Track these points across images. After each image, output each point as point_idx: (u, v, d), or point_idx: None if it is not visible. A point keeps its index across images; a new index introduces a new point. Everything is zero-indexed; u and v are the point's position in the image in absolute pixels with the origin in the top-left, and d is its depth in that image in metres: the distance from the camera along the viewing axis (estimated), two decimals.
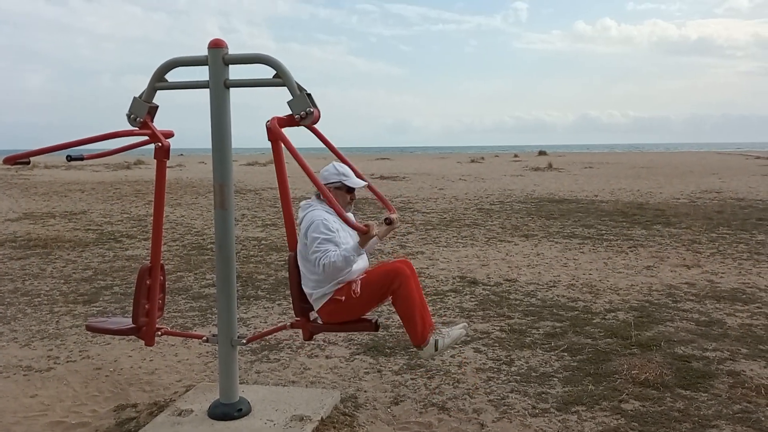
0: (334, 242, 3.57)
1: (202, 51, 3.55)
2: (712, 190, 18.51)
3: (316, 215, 3.64)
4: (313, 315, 3.83)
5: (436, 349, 3.67)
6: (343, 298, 3.62)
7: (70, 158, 3.64)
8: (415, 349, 3.77)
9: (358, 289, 3.61)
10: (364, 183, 3.86)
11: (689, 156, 49.83)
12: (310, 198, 3.85)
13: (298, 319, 3.77)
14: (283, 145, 3.50)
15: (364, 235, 3.47)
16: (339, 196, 3.77)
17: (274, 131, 3.45)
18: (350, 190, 3.83)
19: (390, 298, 3.69)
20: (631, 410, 4.01)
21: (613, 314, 6.10)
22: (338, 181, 3.78)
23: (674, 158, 44.60)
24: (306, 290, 3.71)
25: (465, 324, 3.95)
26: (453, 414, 3.99)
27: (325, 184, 3.75)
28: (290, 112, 3.50)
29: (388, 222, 3.68)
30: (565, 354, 5.04)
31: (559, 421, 3.90)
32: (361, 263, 3.78)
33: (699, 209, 13.97)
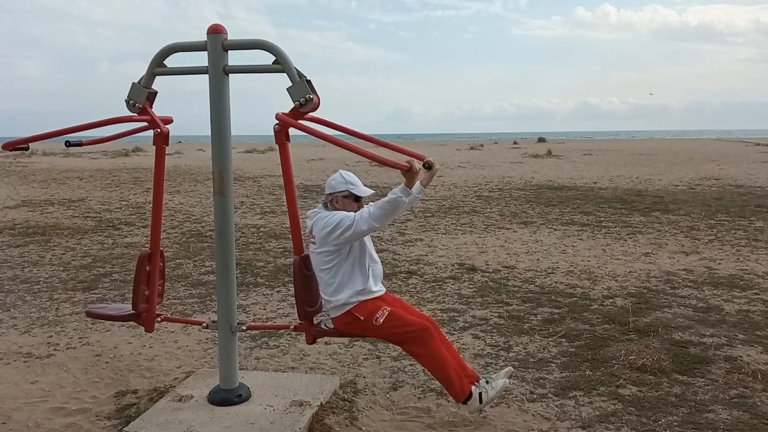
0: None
1: (200, 37, 3.53)
2: (711, 177, 18.51)
3: (334, 213, 3.57)
4: (317, 318, 3.82)
5: (481, 402, 3.59)
6: (363, 318, 3.56)
7: (68, 143, 3.63)
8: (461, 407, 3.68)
9: (381, 321, 3.55)
10: (371, 192, 3.78)
11: (689, 143, 49.77)
12: (317, 207, 3.79)
13: (302, 322, 3.76)
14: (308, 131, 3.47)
15: (408, 172, 3.32)
16: (347, 205, 3.68)
17: (284, 127, 3.42)
18: (358, 199, 3.73)
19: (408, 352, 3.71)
20: (629, 395, 4.04)
21: (611, 300, 6.13)
22: (346, 190, 3.69)
23: (674, 145, 44.54)
24: (324, 296, 3.67)
25: (509, 370, 3.85)
26: (451, 399, 4.01)
27: (332, 194, 3.69)
28: (292, 107, 3.47)
29: (428, 166, 3.52)
30: (563, 340, 5.06)
31: (556, 406, 3.93)
32: (378, 270, 3.72)
33: (698, 196, 13.98)
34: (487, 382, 3.64)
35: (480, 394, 3.58)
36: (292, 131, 3.54)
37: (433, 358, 3.56)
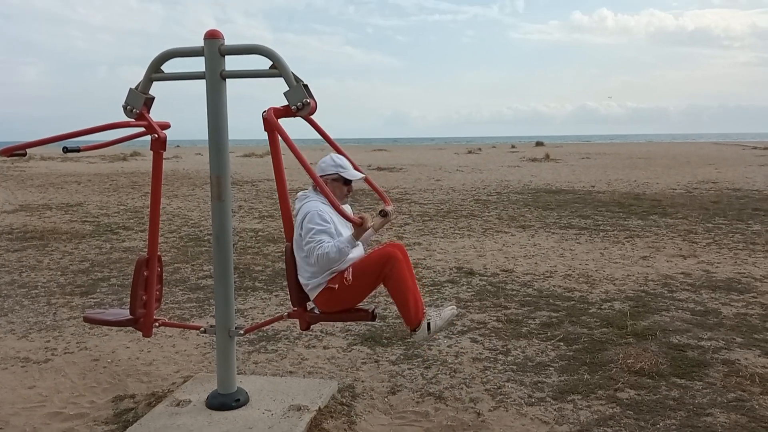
0: (328, 233, 3.56)
1: (198, 42, 3.54)
2: (709, 180, 18.54)
3: (312, 206, 3.64)
4: (311, 305, 3.84)
5: (429, 331, 3.66)
6: (336, 286, 3.61)
7: (66, 150, 3.63)
8: (410, 335, 3.76)
9: (350, 277, 3.61)
10: (361, 175, 3.84)
11: (686, 146, 49.84)
12: (306, 189, 3.85)
13: (295, 309, 3.78)
14: (279, 137, 3.50)
15: (359, 227, 3.47)
16: (336, 188, 3.76)
17: (270, 122, 3.44)
18: (347, 182, 3.80)
19: (383, 283, 3.69)
20: (627, 399, 4.04)
21: (609, 304, 6.13)
22: (335, 173, 3.76)
23: (671, 149, 44.61)
24: (302, 280, 3.71)
25: (454, 305, 3.95)
26: (450, 403, 4.01)
27: (322, 176, 3.74)
28: (287, 103, 3.49)
29: (383, 214, 3.68)
30: (561, 343, 5.07)
31: (555, 409, 3.93)
32: (356, 252, 3.78)
33: (695, 199, 14.00)
34: (435, 312, 3.70)
35: (428, 323, 3.65)
36: (291, 134, 3.53)
37: (397, 282, 3.61)
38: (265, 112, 3.47)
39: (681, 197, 14.49)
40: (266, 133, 3.52)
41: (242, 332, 3.83)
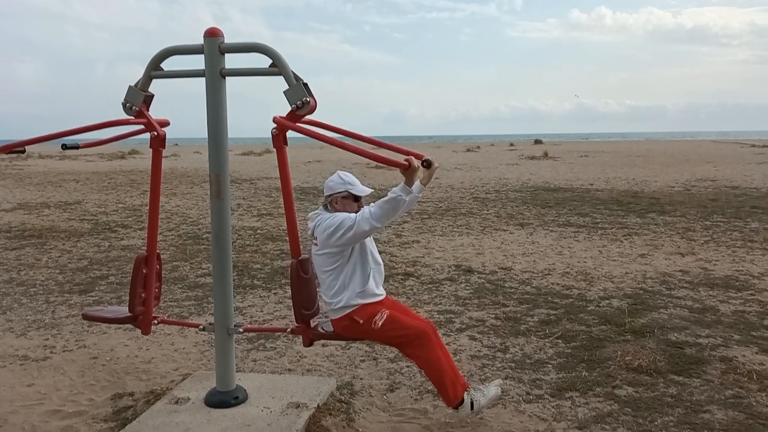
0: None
1: (195, 39, 3.54)
2: (707, 178, 18.57)
3: (335, 215, 3.57)
4: (315, 322, 3.82)
5: (472, 409, 3.59)
6: (362, 322, 3.56)
7: (65, 147, 3.64)
8: (453, 412, 3.67)
9: (380, 324, 3.55)
10: (370, 191, 3.76)
11: (685, 144, 49.90)
12: (317, 209, 3.78)
13: (299, 325, 3.77)
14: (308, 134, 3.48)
15: (407, 169, 3.32)
16: (347, 205, 3.67)
17: (281, 131, 3.43)
18: (357, 199, 3.71)
19: (402, 352, 3.72)
20: (625, 396, 4.05)
21: (608, 301, 6.15)
22: (345, 191, 3.67)
23: (670, 147, 44.64)
24: (325, 298, 3.66)
25: (500, 381, 3.91)
26: None
27: (331, 195, 3.67)
28: (289, 111, 3.47)
29: (427, 165, 3.49)
30: (560, 341, 5.08)
31: (553, 407, 3.94)
32: (379, 273, 3.72)
33: (694, 197, 14.02)
34: (477, 391, 3.64)
35: (472, 401, 3.59)
36: (289, 133, 3.54)
37: (429, 362, 3.57)
38: (274, 129, 3.45)
39: (679, 195, 14.51)
40: (275, 149, 3.52)
41: (241, 330, 3.83)
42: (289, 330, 3.83)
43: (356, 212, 3.60)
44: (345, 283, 3.57)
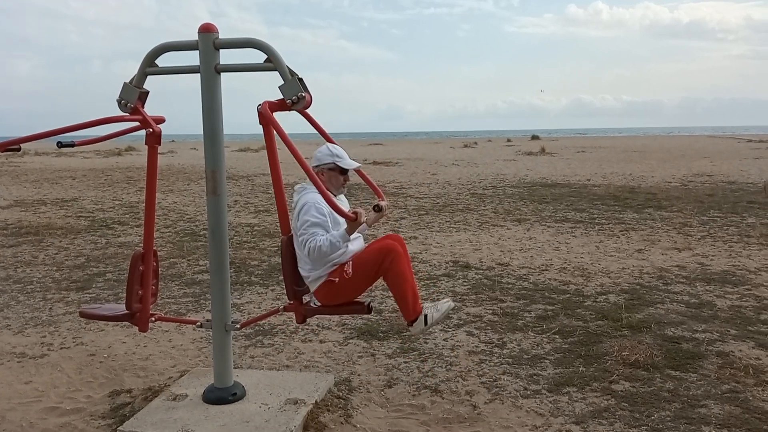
0: (323, 226, 3.56)
1: (192, 36, 3.53)
2: (704, 173, 18.60)
3: (309, 198, 3.63)
4: (306, 298, 3.84)
5: (426, 324, 3.67)
6: (337, 279, 3.61)
7: (60, 144, 3.63)
8: (407, 328, 3.77)
9: (350, 270, 3.61)
10: (357, 164, 3.83)
11: (681, 140, 49.96)
12: (304, 181, 3.83)
13: (291, 302, 3.78)
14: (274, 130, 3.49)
15: (353, 222, 3.45)
16: (332, 177, 3.74)
17: (265, 116, 3.43)
18: (344, 172, 3.77)
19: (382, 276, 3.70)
20: (622, 391, 4.06)
21: (604, 297, 6.16)
22: (332, 162, 3.73)
23: (666, 142, 44.71)
24: (302, 273, 3.71)
25: (450, 298, 3.96)
26: (446, 396, 4.03)
27: (318, 165, 3.73)
28: (281, 97, 3.48)
29: (378, 209, 3.66)
30: (557, 336, 5.09)
31: (550, 402, 3.95)
32: (357, 245, 3.77)
33: (690, 193, 14.04)
34: (431, 306, 3.71)
35: (425, 315, 3.66)
36: (287, 128, 3.53)
37: (396, 275, 3.62)
38: (260, 105, 3.45)
39: (676, 190, 14.54)
40: (261, 126, 3.51)
41: (238, 326, 3.82)
42: (282, 308, 3.84)
43: (343, 185, 3.79)
44: (313, 258, 3.62)
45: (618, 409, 3.82)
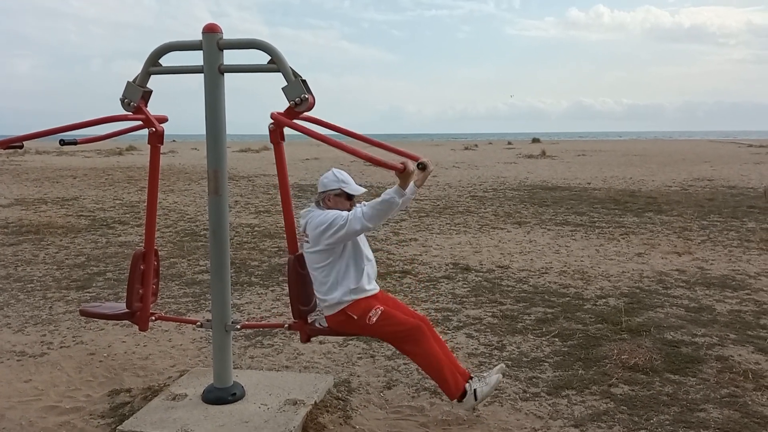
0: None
1: (192, 36, 3.54)
2: (704, 177, 18.61)
3: (327, 212, 3.57)
4: (312, 317, 3.83)
5: (476, 399, 3.61)
6: (356, 317, 3.57)
7: (63, 142, 3.64)
8: (456, 404, 3.71)
9: (374, 320, 3.56)
10: (363, 190, 3.78)
11: (682, 144, 49.96)
12: (310, 206, 3.78)
13: (296, 321, 3.77)
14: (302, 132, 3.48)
15: (402, 172, 3.30)
16: (339, 203, 3.67)
17: (278, 127, 3.44)
18: (350, 198, 3.72)
19: (398, 348, 3.72)
20: (621, 394, 4.06)
21: (604, 300, 6.16)
22: (338, 188, 3.67)
23: (667, 146, 44.72)
24: (318, 295, 3.67)
25: (502, 366, 3.89)
26: (445, 398, 4.02)
27: (324, 192, 3.68)
28: (287, 106, 3.48)
29: (422, 167, 3.52)
30: (556, 339, 5.09)
31: (549, 404, 3.95)
32: (371, 271, 3.71)
33: (691, 197, 14.05)
34: (479, 380, 3.66)
35: (475, 390, 3.61)
36: (287, 131, 3.55)
37: (426, 357, 3.58)
38: (271, 125, 3.45)
39: (676, 194, 14.54)
40: (272, 144, 3.52)
41: (239, 327, 3.83)
42: (286, 326, 3.84)
43: (349, 210, 3.63)
44: (338, 280, 3.58)
45: (617, 413, 3.82)
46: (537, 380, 4.31)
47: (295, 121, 3.52)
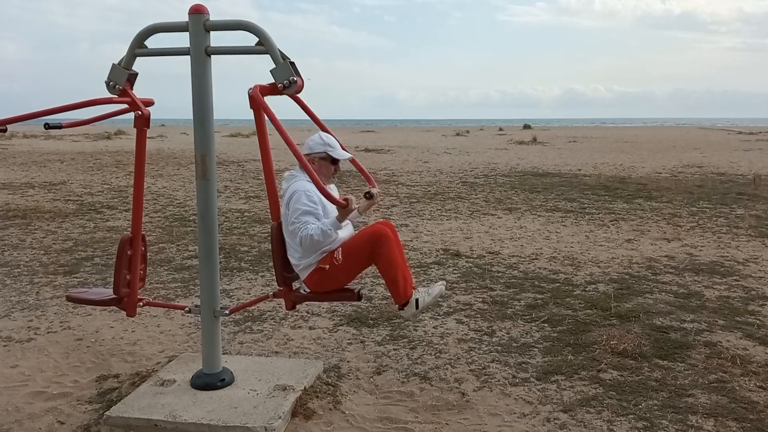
0: (314, 214, 3.53)
1: (180, 18, 3.48)
2: (694, 164, 18.68)
3: (299, 186, 3.60)
4: (296, 284, 3.82)
5: (417, 308, 3.65)
6: (327, 266, 3.59)
7: (48, 126, 3.57)
8: (398, 312, 3.76)
9: (340, 257, 3.59)
10: (349, 155, 3.80)
11: (672, 131, 50.15)
12: (294, 169, 3.80)
13: (281, 289, 3.76)
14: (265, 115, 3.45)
15: (344, 209, 3.43)
16: (323, 167, 3.71)
17: (256, 100, 3.38)
18: (335, 162, 3.75)
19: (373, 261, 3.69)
20: (610, 380, 4.08)
21: (594, 286, 6.18)
22: (323, 152, 3.71)
23: (658, 133, 44.86)
24: (292, 261, 3.68)
25: (443, 281, 3.95)
26: (435, 383, 4.03)
27: (309, 154, 3.70)
28: (271, 83, 3.43)
29: (369, 196, 3.64)
30: (546, 325, 5.10)
31: (538, 390, 3.96)
32: (346, 232, 3.74)
33: (680, 183, 14.10)
34: (423, 290, 3.69)
35: (417, 299, 3.64)
36: (279, 115, 3.49)
37: (386, 259, 3.60)
38: (250, 89, 3.41)
39: (666, 181, 14.59)
40: (252, 111, 3.47)
41: (227, 312, 3.80)
42: (272, 294, 3.82)
43: (333, 174, 3.78)
44: (305, 247, 3.59)
45: (606, 398, 3.83)
46: (526, 365, 4.32)
47: (266, 100, 3.43)
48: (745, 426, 3.51)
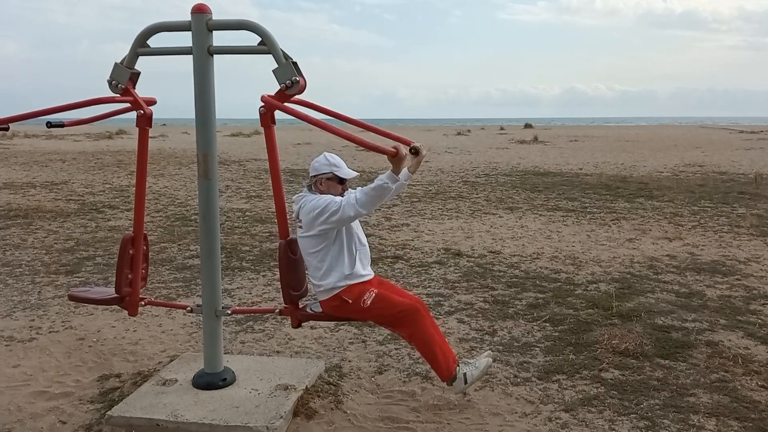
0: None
1: (182, 17, 3.48)
2: (695, 163, 18.66)
3: (320, 197, 3.55)
4: (303, 302, 3.81)
5: (466, 383, 3.64)
6: (351, 301, 3.57)
7: (50, 124, 3.58)
8: (447, 388, 3.75)
9: (369, 303, 3.55)
10: (355, 174, 3.76)
11: (674, 130, 50.09)
12: (302, 191, 3.75)
13: (287, 306, 3.75)
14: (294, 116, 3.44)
15: (395, 158, 3.30)
16: (331, 187, 3.65)
17: (269, 110, 3.39)
18: (342, 181, 3.69)
19: (394, 330, 3.73)
20: (611, 379, 4.08)
21: (595, 285, 6.17)
22: (329, 172, 3.65)
23: (659, 132, 44.80)
24: (313, 280, 3.66)
25: (490, 352, 3.94)
26: (436, 383, 4.03)
27: (316, 175, 3.66)
28: (278, 89, 3.43)
29: (415, 152, 3.45)
30: (547, 324, 5.10)
31: (540, 389, 3.96)
32: (364, 256, 3.71)
33: (682, 183, 14.08)
34: (468, 364, 3.68)
35: (464, 374, 3.63)
36: (278, 114, 3.50)
37: (420, 338, 3.60)
38: (262, 108, 3.40)
39: (667, 180, 14.57)
40: (263, 128, 3.48)
41: (229, 312, 3.80)
42: (277, 311, 3.82)
43: (341, 195, 3.62)
44: (332, 265, 3.58)
45: (607, 397, 3.83)
46: (528, 365, 4.32)
47: (286, 104, 3.47)
48: (747, 425, 3.51)
